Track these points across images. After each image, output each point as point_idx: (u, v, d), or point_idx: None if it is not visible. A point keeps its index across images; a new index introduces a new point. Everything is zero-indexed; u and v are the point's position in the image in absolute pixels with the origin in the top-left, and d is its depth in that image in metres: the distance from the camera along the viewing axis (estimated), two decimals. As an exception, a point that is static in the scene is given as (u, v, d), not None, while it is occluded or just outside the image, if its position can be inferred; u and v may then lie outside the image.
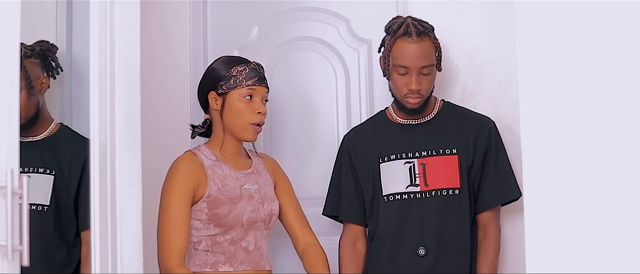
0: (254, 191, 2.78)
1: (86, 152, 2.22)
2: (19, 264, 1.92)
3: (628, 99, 1.87)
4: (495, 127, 2.96)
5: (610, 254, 1.85)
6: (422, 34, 2.83)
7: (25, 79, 2.91)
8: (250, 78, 2.76)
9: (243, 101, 2.75)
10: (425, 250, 2.87)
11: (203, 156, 2.76)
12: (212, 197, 2.70)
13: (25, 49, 2.95)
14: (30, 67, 2.95)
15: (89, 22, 2.18)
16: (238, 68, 2.76)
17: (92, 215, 2.14)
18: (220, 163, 2.77)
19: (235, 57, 2.86)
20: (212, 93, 2.77)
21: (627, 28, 1.88)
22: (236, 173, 2.78)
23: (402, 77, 2.85)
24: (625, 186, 1.85)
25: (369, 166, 2.96)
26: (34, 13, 3.16)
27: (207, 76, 2.81)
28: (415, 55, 2.82)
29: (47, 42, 3.06)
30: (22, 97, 2.90)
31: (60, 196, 2.95)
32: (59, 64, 3.09)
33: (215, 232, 2.72)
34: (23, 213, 1.91)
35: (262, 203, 2.78)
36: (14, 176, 1.89)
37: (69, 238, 2.97)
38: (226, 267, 2.73)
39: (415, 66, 2.82)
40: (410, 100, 2.86)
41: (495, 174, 2.92)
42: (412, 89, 2.84)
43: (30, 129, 2.98)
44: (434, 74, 2.89)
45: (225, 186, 2.73)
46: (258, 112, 2.76)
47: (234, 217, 2.71)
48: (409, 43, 2.82)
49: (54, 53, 3.07)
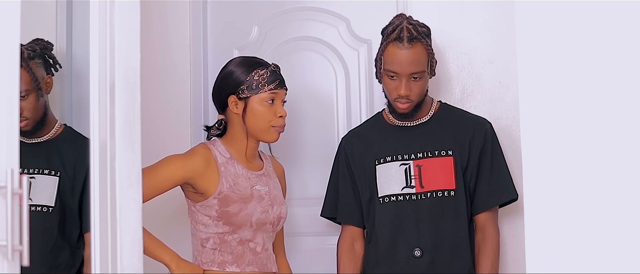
0: (264, 193, 2.79)
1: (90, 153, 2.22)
2: (19, 264, 1.92)
3: (628, 99, 1.87)
4: (491, 129, 2.96)
5: (610, 254, 1.85)
6: (414, 40, 2.82)
7: (34, 81, 2.91)
8: (271, 82, 2.77)
9: (265, 105, 2.76)
10: (421, 251, 2.87)
11: (217, 152, 2.77)
12: (224, 194, 2.71)
13: (27, 50, 2.94)
14: (35, 69, 2.95)
15: (89, 22, 2.18)
16: (259, 72, 2.76)
17: (92, 215, 2.14)
18: (234, 161, 2.77)
19: (252, 59, 2.84)
20: (233, 97, 2.77)
21: (627, 28, 1.88)
22: (248, 173, 2.78)
23: (392, 82, 2.86)
24: (625, 186, 1.85)
25: (365, 168, 2.97)
26: (34, 13, 3.17)
27: (226, 79, 2.79)
28: (405, 61, 2.82)
29: (42, 39, 3.05)
30: (32, 100, 2.91)
31: (65, 198, 2.95)
32: (57, 60, 3.08)
33: (224, 230, 2.73)
34: (23, 213, 1.91)
35: (271, 205, 2.79)
36: (14, 176, 1.89)
37: (72, 239, 2.97)
38: (233, 267, 2.73)
39: (405, 72, 2.83)
40: (399, 105, 2.87)
41: (492, 175, 2.92)
42: (401, 95, 2.84)
43: (36, 130, 2.98)
44: (426, 79, 2.89)
45: (237, 185, 2.74)
46: (280, 116, 2.77)
47: (244, 216, 2.72)
48: (400, 49, 2.82)
49: (50, 50, 3.06)
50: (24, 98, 2.90)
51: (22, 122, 2.88)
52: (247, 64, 2.79)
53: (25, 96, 2.90)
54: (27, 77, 2.90)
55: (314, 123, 3.36)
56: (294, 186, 3.30)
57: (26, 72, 2.90)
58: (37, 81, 2.92)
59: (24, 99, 2.90)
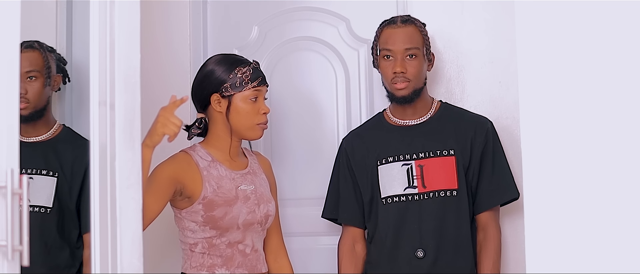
0: (250, 192, 2.77)
1: (88, 154, 2.22)
2: (19, 264, 1.92)
3: (628, 99, 1.87)
4: (492, 128, 2.96)
5: (610, 254, 1.85)
6: (407, 21, 2.92)
7: (46, 68, 2.95)
8: (254, 79, 2.76)
9: (249, 103, 2.75)
10: (424, 252, 2.87)
11: (198, 156, 2.75)
12: (208, 199, 2.69)
13: (47, 45, 3.02)
14: (50, 60, 3.00)
15: (89, 22, 2.18)
16: (242, 69, 2.75)
17: (92, 215, 2.14)
18: (216, 163, 2.75)
19: (233, 56, 2.83)
20: (216, 95, 2.75)
21: (627, 28, 1.88)
22: (232, 173, 2.77)
23: (388, 62, 2.89)
24: (625, 186, 1.85)
25: (367, 168, 2.97)
26: (34, 13, 3.17)
27: (208, 77, 2.77)
28: (399, 38, 2.88)
29: (59, 53, 3.13)
30: (38, 85, 2.94)
31: (63, 198, 2.95)
32: (68, 75, 3.16)
33: (211, 234, 2.71)
34: (23, 213, 1.91)
35: (258, 205, 2.77)
36: (14, 176, 1.89)
37: (71, 240, 2.97)
38: (223, 270, 2.72)
39: (399, 49, 2.87)
40: (397, 85, 2.88)
41: (493, 174, 2.92)
42: (397, 72, 2.86)
43: (35, 125, 2.98)
44: (421, 61, 2.89)
45: (221, 188, 2.72)
46: (263, 113, 2.77)
47: (230, 219, 2.71)
48: (393, 28, 2.91)
49: (64, 64, 3.14)
50: (32, 80, 2.93)
51: (22, 104, 2.89)
52: (228, 62, 2.78)
53: (33, 78, 2.92)
54: (40, 60, 2.95)
55: (314, 123, 3.35)
56: (293, 185, 3.30)
57: (40, 55, 2.96)
58: (48, 68, 2.97)
59: (31, 81, 2.92)
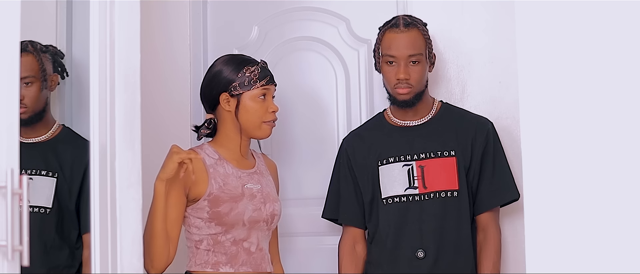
0: (256, 191, 2.78)
1: (88, 154, 2.22)
2: (19, 264, 1.92)
3: (628, 99, 1.87)
4: (493, 128, 2.96)
5: (610, 254, 1.85)
6: (410, 25, 2.89)
7: (41, 71, 2.94)
8: (263, 78, 2.78)
9: (257, 101, 2.77)
10: (424, 252, 2.87)
11: (204, 154, 2.77)
12: (214, 195, 2.71)
13: (40, 45, 2.99)
14: (44, 61, 2.98)
15: (89, 22, 2.18)
16: (250, 68, 2.78)
17: (92, 215, 2.14)
18: (223, 162, 2.77)
19: (240, 56, 2.85)
20: (225, 95, 2.77)
21: (627, 28, 1.88)
22: (239, 172, 2.78)
23: (391, 68, 2.88)
24: (625, 186, 1.85)
25: (368, 169, 2.97)
26: (34, 13, 3.16)
27: (216, 77, 2.79)
28: (402, 44, 2.86)
29: (55, 47, 3.11)
30: (35, 89, 2.93)
31: (63, 199, 2.95)
32: (66, 68, 3.13)
33: (216, 231, 2.72)
34: (23, 213, 1.91)
35: (264, 203, 2.78)
36: (14, 176, 1.89)
37: (71, 240, 2.97)
38: (227, 268, 2.73)
39: (403, 55, 2.85)
40: (399, 91, 2.88)
41: (494, 175, 2.92)
42: (400, 78, 2.86)
43: (34, 127, 2.98)
44: (424, 66, 2.90)
45: (226, 185, 2.73)
46: (272, 111, 2.79)
47: (235, 215, 2.72)
48: (396, 33, 2.88)
49: (61, 57, 3.12)
50: (28, 85, 2.92)
51: (20, 109, 2.89)
52: (236, 61, 2.80)
53: (29, 83, 2.91)
54: (34, 65, 2.92)
55: (314, 123, 3.35)
56: (294, 185, 3.30)
57: (35, 59, 2.93)
58: (44, 72, 2.94)
59: (27, 86, 2.91)
